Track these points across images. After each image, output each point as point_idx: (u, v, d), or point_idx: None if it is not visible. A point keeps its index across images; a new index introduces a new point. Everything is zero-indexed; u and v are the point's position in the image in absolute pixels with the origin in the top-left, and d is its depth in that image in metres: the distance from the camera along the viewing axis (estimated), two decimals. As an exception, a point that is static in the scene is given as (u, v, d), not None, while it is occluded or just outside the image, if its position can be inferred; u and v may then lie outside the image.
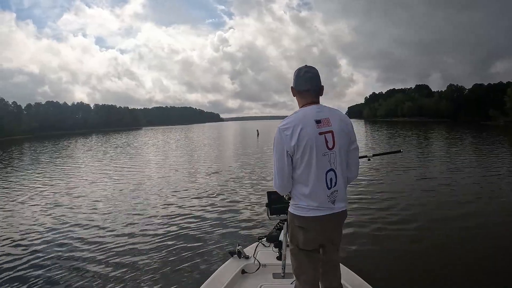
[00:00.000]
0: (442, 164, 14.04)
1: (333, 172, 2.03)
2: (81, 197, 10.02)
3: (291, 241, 2.21)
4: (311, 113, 2.03)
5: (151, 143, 37.31)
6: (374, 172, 11.87)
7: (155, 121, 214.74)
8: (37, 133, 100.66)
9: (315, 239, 2.13)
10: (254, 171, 13.56)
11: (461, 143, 24.72)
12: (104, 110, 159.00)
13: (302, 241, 2.12)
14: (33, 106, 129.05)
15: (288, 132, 1.99)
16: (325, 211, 2.05)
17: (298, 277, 2.21)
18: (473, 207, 7.51)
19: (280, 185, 2.11)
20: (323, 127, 2.00)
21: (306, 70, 2.13)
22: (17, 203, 9.58)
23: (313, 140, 1.97)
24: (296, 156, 2.00)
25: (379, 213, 7.12)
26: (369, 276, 3.10)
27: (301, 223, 2.09)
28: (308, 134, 1.97)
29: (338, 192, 2.06)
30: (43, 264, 5.17)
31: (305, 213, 2.05)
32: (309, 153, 1.98)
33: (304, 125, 1.98)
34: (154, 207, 8.44)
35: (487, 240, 5.52)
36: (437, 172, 12.07)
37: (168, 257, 5.18)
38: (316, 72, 2.14)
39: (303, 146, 1.97)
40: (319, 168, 2.00)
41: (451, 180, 10.61)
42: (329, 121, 2.02)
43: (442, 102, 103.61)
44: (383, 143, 26.50)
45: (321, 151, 1.99)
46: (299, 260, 2.18)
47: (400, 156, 14.89)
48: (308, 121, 2.00)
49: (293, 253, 2.21)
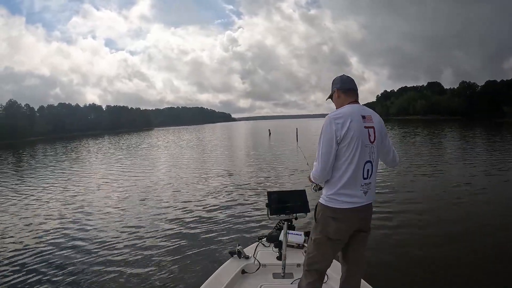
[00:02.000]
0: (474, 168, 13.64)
1: (370, 164, 2.22)
2: (84, 197, 10.20)
3: (319, 232, 2.28)
4: (358, 109, 2.25)
5: (162, 144, 37.35)
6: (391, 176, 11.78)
7: (167, 122, 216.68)
8: (50, 135, 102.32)
9: (347, 229, 2.25)
10: (258, 172, 13.50)
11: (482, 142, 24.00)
12: (116, 111, 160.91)
13: (333, 231, 2.22)
14: (45, 108, 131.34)
15: (339, 121, 2.16)
16: (357, 203, 2.20)
17: (311, 266, 2.33)
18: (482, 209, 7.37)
19: (322, 169, 2.22)
20: (367, 122, 2.22)
21: (346, 75, 2.44)
22: (26, 204, 9.77)
23: (360, 132, 2.16)
24: (343, 144, 2.16)
25: (388, 215, 7.05)
26: (370, 276, 3.07)
27: (333, 214, 2.21)
28: (356, 126, 2.16)
29: (371, 184, 2.25)
30: (45, 261, 5.30)
31: (339, 205, 2.19)
32: (355, 143, 2.15)
33: (353, 118, 2.17)
34: (155, 207, 8.50)
35: (493, 243, 5.38)
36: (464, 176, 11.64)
37: (168, 257, 5.20)
38: (353, 79, 2.44)
39: (351, 136, 2.14)
40: (360, 158, 2.17)
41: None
42: (371, 118, 2.26)
43: (455, 100, 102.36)
44: (409, 145, 26.17)
45: (364, 143, 2.18)
46: (322, 250, 2.29)
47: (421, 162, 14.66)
48: (356, 115, 2.20)
49: (319, 243, 2.29)
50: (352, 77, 2.39)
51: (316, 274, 2.32)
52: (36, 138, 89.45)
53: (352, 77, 2.43)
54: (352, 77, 2.43)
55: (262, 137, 41.52)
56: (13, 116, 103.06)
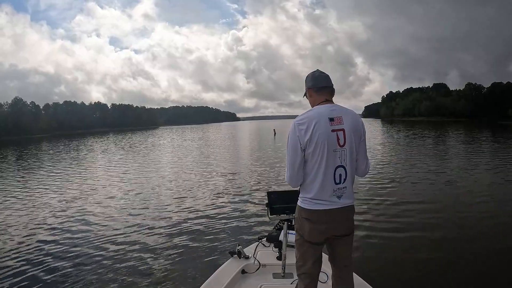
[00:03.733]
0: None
1: (343, 169, 2.13)
2: (83, 196, 10.26)
3: (297, 233, 2.29)
4: (325, 111, 2.14)
5: (166, 143, 37.52)
6: (388, 178, 11.74)
7: (172, 120, 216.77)
8: (54, 132, 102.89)
9: (320, 232, 2.19)
10: (260, 172, 13.45)
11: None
12: (121, 110, 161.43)
13: (307, 233, 2.20)
14: (51, 106, 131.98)
15: (303, 127, 2.09)
16: (330, 205, 2.14)
17: (299, 269, 2.30)
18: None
19: (291, 177, 2.21)
20: (335, 125, 2.10)
21: (319, 71, 2.32)
22: (31, 200, 9.85)
23: (325, 137, 2.07)
24: (308, 151, 2.10)
25: (386, 217, 7.02)
26: (370, 277, 3.07)
27: (308, 216, 2.18)
28: (321, 131, 2.07)
29: (346, 188, 2.16)
30: (42, 256, 5.35)
31: (311, 206, 2.15)
32: (321, 148, 2.07)
33: (318, 122, 2.08)
34: (155, 207, 8.48)
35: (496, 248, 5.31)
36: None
37: (168, 257, 5.20)
38: (328, 75, 2.32)
39: (315, 141, 2.06)
40: (328, 163, 2.10)
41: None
42: (341, 120, 2.12)
43: (461, 101, 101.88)
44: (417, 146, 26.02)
45: (332, 147, 2.09)
46: (302, 251, 2.27)
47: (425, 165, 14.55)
48: (322, 118, 2.10)
49: (298, 243, 2.29)
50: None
51: (306, 278, 2.27)
52: (41, 135, 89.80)
53: (326, 73, 2.32)
54: (326, 73, 2.32)
55: (267, 137, 41.28)
56: (18, 113, 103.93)
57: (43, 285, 4.48)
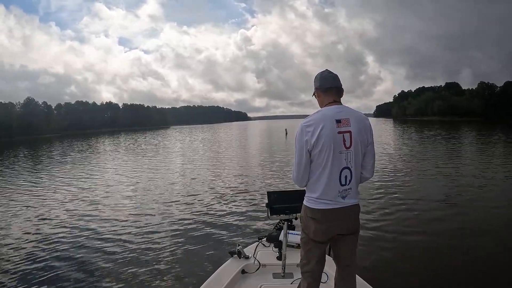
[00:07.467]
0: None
1: (348, 170, 2.15)
2: (87, 194, 10.48)
3: (302, 231, 2.32)
4: (332, 112, 2.15)
5: (178, 143, 37.64)
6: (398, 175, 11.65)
7: (183, 120, 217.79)
8: (66, 131, 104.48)
9: (325, 231, 2.21)
10: (267, 173, 13.33)
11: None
12: (133, 109, 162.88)
13: (312, 232, 2.22)
14: (63, 106, 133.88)
15: (310, 129, 2.12)
16: (335, 205, 2.16)
17: (303, 268, 2.33)
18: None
19: (297, 178, 2.25)
20: (342, 127, 2.12)
21: (328, 72, 2.32)
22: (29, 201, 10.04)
23: (332, 138, 2.09)
24: (314, 152, 2.12)
25: (391, 217, 6.98)
26: (370, 277, 3.05)
27: (313, 215, 2.20)
28: (328, 132, 2.09)
29: (351, 189, 2.18)
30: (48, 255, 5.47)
31: (317, 206, 2.18)
32: (327, 150, 2.10)
33: (325, 124, 2.10)
34: (156, 206, 8.54)
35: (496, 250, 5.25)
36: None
37: (168, 257, 5.22)
38: (337, 75, 2.31)
39: (321, 143, 2.09)
40: (334, 165, 2.12)
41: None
42: (348, 122, 2.14)
43: (474, 101, 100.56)
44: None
45: (338, 149, 2.11)
46: (306, 250, 2.30)
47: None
48: (329, 120, 2.12)
49: (303, 242, 2.32)
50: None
51: (309, 277, 2.30)
52: (52, 135, 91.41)
53: (335, 73, 2.31)
54: (335, 73, 2.31)
55: (279, 137, 40.91)
56: (31, 113, 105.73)
57: (46, 280, 4.60)
